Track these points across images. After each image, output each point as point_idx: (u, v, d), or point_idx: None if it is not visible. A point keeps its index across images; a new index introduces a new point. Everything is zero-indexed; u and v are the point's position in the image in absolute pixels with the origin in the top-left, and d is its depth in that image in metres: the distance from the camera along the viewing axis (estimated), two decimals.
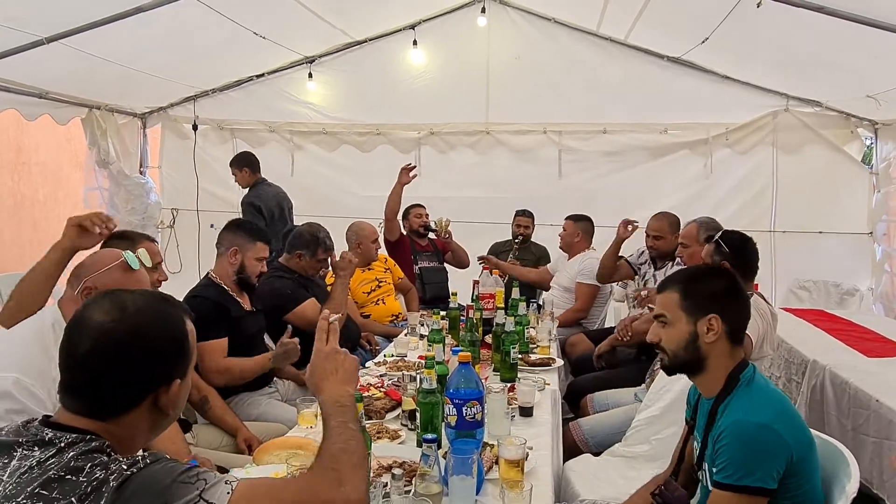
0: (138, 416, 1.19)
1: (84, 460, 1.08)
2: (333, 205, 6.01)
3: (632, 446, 2.69)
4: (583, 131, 6.11)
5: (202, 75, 6.14)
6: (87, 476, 1.06)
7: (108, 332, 1.15)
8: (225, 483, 1.12)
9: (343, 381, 1.46)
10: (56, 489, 1.05)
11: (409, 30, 6.05)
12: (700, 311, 1.76)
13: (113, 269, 1.88)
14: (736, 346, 1.78)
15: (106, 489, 1.05)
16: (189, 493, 1.08)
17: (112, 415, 1.17)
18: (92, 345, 1.15)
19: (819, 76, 5.30)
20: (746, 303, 1.85)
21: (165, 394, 1.20)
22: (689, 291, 1.80)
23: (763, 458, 1.56)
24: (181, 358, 1.23)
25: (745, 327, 1.82)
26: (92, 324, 1.16)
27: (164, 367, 1.20)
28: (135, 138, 6.56)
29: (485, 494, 1.80)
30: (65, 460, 1.08)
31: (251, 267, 3.07)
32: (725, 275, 1.88)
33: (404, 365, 3.17)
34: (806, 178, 5.82)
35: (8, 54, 4.50)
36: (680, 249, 3.61)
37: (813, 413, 3.60)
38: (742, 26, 4.51)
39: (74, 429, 1.14)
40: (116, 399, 1.17)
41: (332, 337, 1.56)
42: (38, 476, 1.06)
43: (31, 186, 6.92)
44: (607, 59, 5.92)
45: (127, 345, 1.16)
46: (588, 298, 4.69)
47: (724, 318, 1.75)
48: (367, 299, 4.50)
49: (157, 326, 1.20)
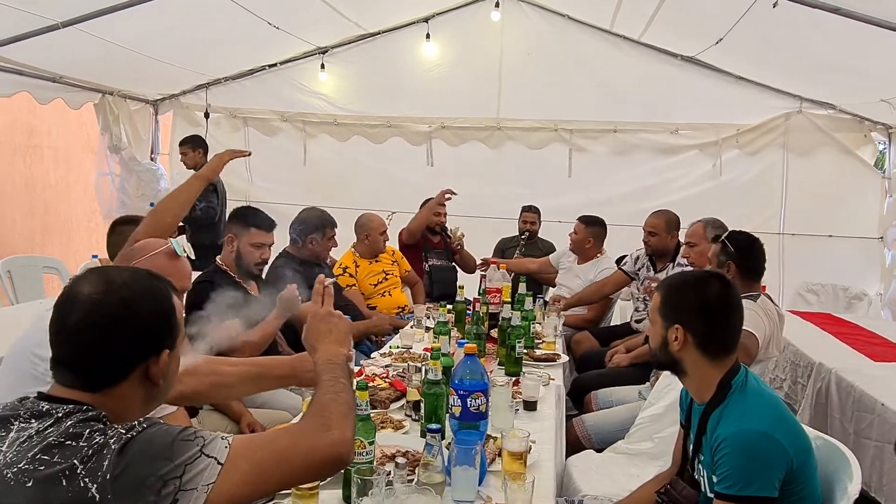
0: (130, 387, 1.21)
1: (82, 427, 1.10)
2: (344, 195, 6.02)
3: (635, 444, 2.69)
4: (593, 130, 6.10)
5: (215, 63, 6.16)
6: (87, 441, 1.08)
7: (96, 304, 1.17)
8: (221, 439, 1.16)
9: (337, 342, 1.53)
10: (57, 454, 1.06)
11: (422, 23, 6.05)
12: (669, 319, 1.78)
13: (159, 255, 1.98)
14: (715, 357, 1.75)
15: (108, 452, 1.06)
16: (190, 449, 1.11)
17: (104, 386, 1.19)
18: (81, 316, 1.17)
19: (833, 78, 5.27)
20: (722, 319, 1.77)
21: (155, 364, 1.22)
22: (666, 297, 1.82)
23: (764, 468, 1.56)
24: (169, 329, 1.25)
25: (721, 341, 1.76)
26: (81, 297, 1.18)
27: (151, 337, 1.22)
28: (147, 125, 6.59)
29: (487, 486, 1.81)
30: (63, 427, 1.10)
31: (247, 254, 3.05)
32: (708, 288, 1.78)
33: (409, 356, 3.18)
34: (817, 181, 5.79)
35: (23, 38, 4.53)
36: (685, 250, 3.60)
37: (817, 416, 3.60)
38: (757, 27, 4.49)
39: (69, 400, 1.16)
40: (107, 370, 1.19)
41: (328, 300, 1.63)
42: (38, 443, 1.08)
43: (43, 170, 6.97)
44: (620, 57, 5.90)
45: (115, 316, 1.17)
46: (601, 310, 4.67)
47: (688, 329, 1.74)
48: (374, 291, 4.51)
49: (144, 298, 1.22)
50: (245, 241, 3.05)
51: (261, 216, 3.16)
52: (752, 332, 2.49)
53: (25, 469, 1.06)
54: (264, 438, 1.26)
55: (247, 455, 1.16)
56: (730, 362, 1.76)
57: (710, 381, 1.76)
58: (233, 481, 1.12)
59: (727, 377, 1.74)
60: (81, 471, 1.05)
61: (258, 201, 5.81)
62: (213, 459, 1.12)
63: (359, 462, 1.67)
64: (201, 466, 1.10)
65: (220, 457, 1.13)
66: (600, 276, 4.51)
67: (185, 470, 1.09)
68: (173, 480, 1.07)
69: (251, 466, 1.15)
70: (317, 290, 1.63)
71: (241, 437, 1.20)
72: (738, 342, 1.79)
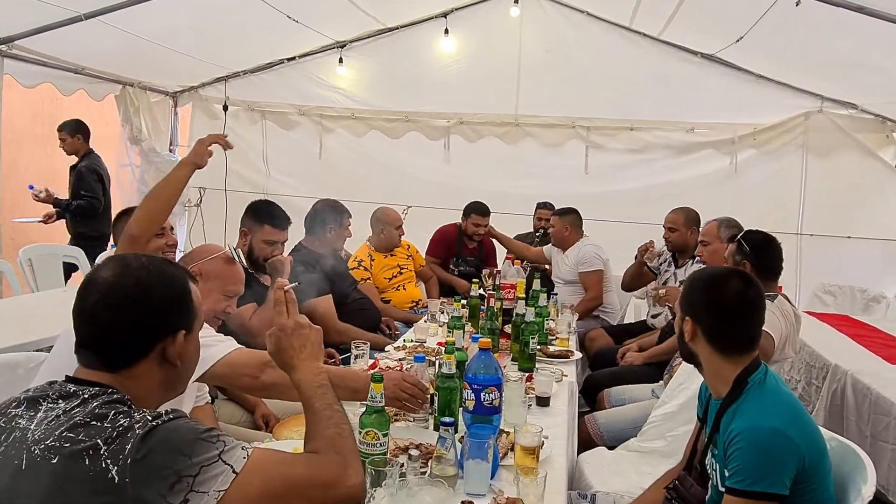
0: (149, 368, 1.25)
1: (108, 408, 1.14)
2: (360, 189, 6.02)
3: (647, 441, 2.69)
4: (610, 127, 6.08)
5: (234, 56, 6.20)
6: (112, 422, 1.11)
7: (112, 286, 1.22)
8: (241, 448, 1.17)
9: (313, 357, 1.48)
10: (82, 432, 1.09)
11: (440, 18, 6.05)
12: (683, 311, 1.84)
13: (217, 259, 2.09)
14: (727, 353, 1.76)
15: (131, 435, 1.09)
16: (210, 451, 1.13)
17: (123, 365, 1.22)
18: (97, 298, 1.22)
19: (856, 78, 5.21)
20: (734, 316, 1.77)
21: (171, 345, 1.25)
22: (684, 290, 1.90)
23: (775, 464, 1.56)
24: (184, 311, 1.29)
25: (732, 338, 1.76)
26: (99, 281, 1.24)
27: (167, 317, 1.25)
28: (166, 116, 6.66)
29: (499, 480, 1.82)
30: (89, 408, 1.13)
31: (259, 250, 3.05)
32: (723, 285, 1.80)
33: (423, 350, 3.19)
34: (836, 182, 5.73)
35: (47, 29, 4.60)
36: (700, 249, 3.58)
37: (832, 418, 3.57)
38: (779, 25, 4.44)
39: (94, 383, 1.20)
40: (124, 348, 1.22)
41: (293, 308, 1.54)
42: (65, 422, 1.11)
43: (64, 160, 7.04)
44: (639, 54, 5.86)
45: (130, 296, 1.22)
46: (597, 285, 4.69)
47: (697, 323, 1.79)
48: (389, 285, 4.53)
49: (159, 280, 1.26)
50: (258, 238, 3.06)
51: (276, 213, 3.16)
52: (768, 333, 2.48)
53: (52, 446, 1.09)
54: (281, 461, 1.25)
55: (262, 474, 1.17)
56: (746, 360, 1.76)
57: (724, 376, 1.77)
58: (244, 495, 1.14)
59: (744, 374, 1.74)
60: (105, 451, 1.07)
61: (275, 194, 5.86)
62: (230, 468, 1.13)
63: (373, 453, 1.68)
64: (217, 471, 1.12)
65: (237, 466, 1.14)
66: (581, 258, 4.65)
67: (201, 471, 1.10)
68: (187, 478, 1.09)
69: (264, 486, 1.17)
70: (278, 299, 1.50)
71: (259, 451, 1.21)
72: (757, 341, 1.79)
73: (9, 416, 1.17)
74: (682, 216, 4.09)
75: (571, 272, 4.73)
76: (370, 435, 1.69)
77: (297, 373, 1.44)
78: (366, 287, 4.19)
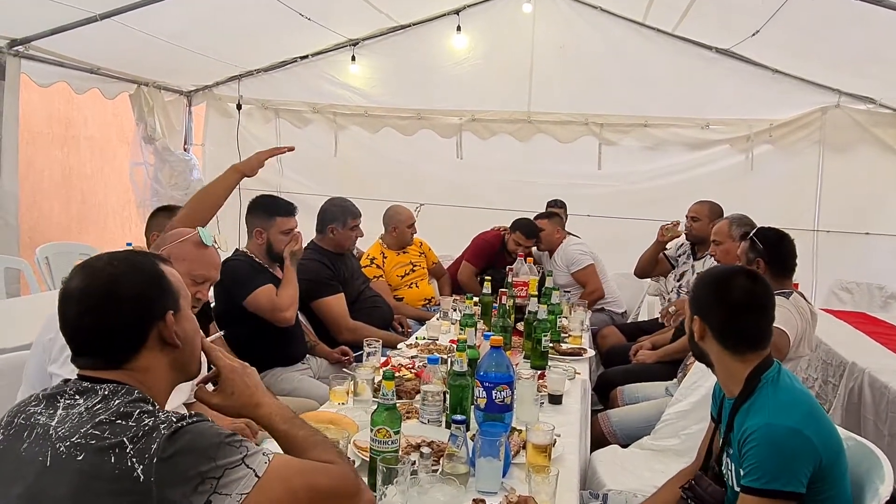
0: (152, 356, 1.26)
1: (132, 407, 1.15)
2: (374, 187, 6.04)
3: (661, 440, 2.67)
4: (623, 124, 6.03)
5: (247, 55, 6.22)
6: (137, 421, 1.12)
7: (85, 291, 1.23)
8: (262, 454, 1.18)
9: (266, 392, 1.43)
10: (107, 430, 1.11)
11: (453, 15, 6.03)
12: (692, 310, 1.84)
13: (187, 242, 2.05)
14: (737, 351, 1.74)
15: (157, 436, 1.10)
16: (234, 455, 1.14)
17: (124, 360, 1.24)
18: (76, 307, 1.23)
19: (873, 72, 5.14)
20: (741, 314, 1.75)
21: (165, 328, 1.27)
22: (693, 289, 1.91)
23: (791, 463, 1.55)
24: (163, 292, 1.29)
25: (741, 336, 1.74)
26: (71, 290, 1.25)
27: (148, 304, 1.26)
28: (180, 115, 6.69)
29: (511, 478, 1.82)
30: (112, 406, 1.15)
31: (277, 243, 3.09)
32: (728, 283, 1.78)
33: (435, 348, 3.19)
34: (853, 178, 5.65)
35: (62, 29, 4.64)
36: (712, 248, 3.55)
37: (849, 416, 3.54)
38: (795, 19, 4.40)
39: (107, 380, 1.21)
40: (119, 345, 1.24)
41: (226, 353, 1.47)
42: (89, 419, 1.13)
43: (80, 160, 7.12)
44: (653, 50, 5.81)
45: (104, 294, 1.23)
46: (593, 277, 4.73)
47: (705, 322, 1.78)
48: (401, 282, 4.54)
49: (128, 271, 1.26)
50: (274, 231, 3.09)
51: (280, 203, 3.20)
52: (783, 330, 2.45)
53: (78, 443, 1.10)
54: (303, 469, 1.26)
55: (282, 479, 1.19)
56: (757, 358, 1.74)
57: (736, 375, 1.75)
58: (265, 498, 1.15)
59: (756, 372, 1.72)
60: (130, 450, 1.08)
61: (289, 192, 5.87)
62: (252, 471, 1.15)
63: (384, 451, 1.69)
64: (240, 474, 1.13)
65: (259, 470, 1.16)
66: (569, 259, 4.74)
67: (224, 473, 1.12)
68: (211, 480, 1.10)
69: (285, 492, 1.19)
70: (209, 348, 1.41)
71: (280, 456, 1.24)
72: (767, 339, 1.77)
73: (28, 413, 1.19)
74: (707, 207, 4.14)
75: (564, 276, 4.76)
76: (382, 432, 1.69)
77: (263, 408, 1.39)
78: (378, 284, 4.20)
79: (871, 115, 5.61)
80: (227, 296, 2.98)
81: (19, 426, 1.18)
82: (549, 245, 4.85)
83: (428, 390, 2.15)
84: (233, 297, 2.97)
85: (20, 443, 1.15)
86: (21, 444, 1.15)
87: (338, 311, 3.54)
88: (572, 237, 4.92)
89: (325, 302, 3.51)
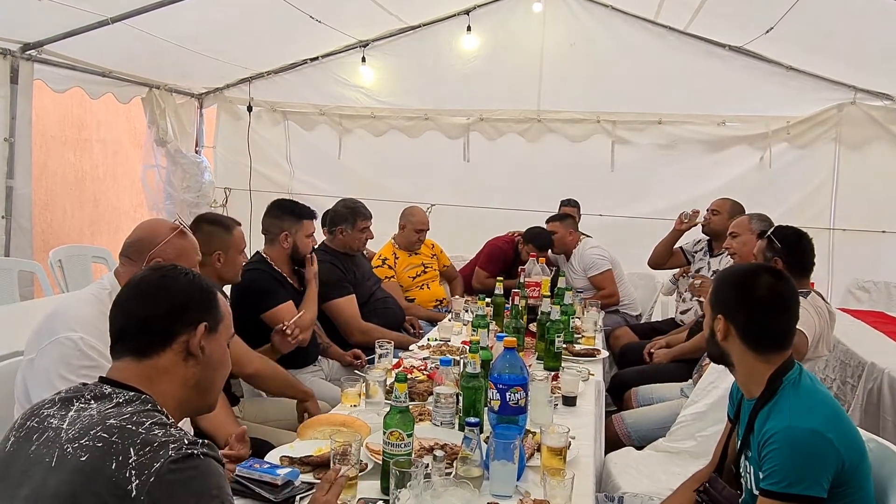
0: (173, 361, 1.29)
1: (145, 416, 1.16)
2: (379, 189, 6.03)
3: (676, 442, 2.64)
4: (637, 122, 5.97)
5: (258, 57, 6.23)
6: (146, 431, 1.12)
7: (141, 279, 1.34)
8: None
9: None
10: (116, 434, 1.11)
11: (463, 15, 6.02)
12: (715, 310, 1.79)
13: (172, 238, 2.05)
14: (761, 351, 1.71)
15: (163, 453, 1.09)
16: None
17: (148, 352, 1.27)
18: (128, 290, 1.34)
19: (890, 68, 5.06)
20: (767, 313, 1.72)
21: (193, 335, 1.31)
22: (714, 287, 1.84)
23: (813, 466, 1.51)
24: (207, 306, 1.35)
25: (766, 336, 1.71)
26: (133, 279, 1.36)
27: (188, 308, 1.32)
28: (192, 118, 6.72)
29: (525, 481, 1.80)
30: (125, 413, 1.16)
31: (303, 246, 3.13)
32: (754, 281, 1.74)
33: (448, 349, 3.18)
34: (870, 175, 5.58)
35: (75, 33, 4.67)
36: (728, 241, 3.50)
37: (868, 418, 3.48)
38: (810, 15, 4.34)
39: (129, 387, 1.23)
40: (150, 334, 1.28)
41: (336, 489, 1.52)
42: (100, 422, 1.14)
43: (92, 163, 7.16)
44: (665, 48, 5.77)
45: (155, 285, 1.32)
46: (610, 283, 4.69)
47: (729, 321, 1.74)
48: (413, 283, 4.53)
49: (186, 278, 1.35)
50: (301, 235, 3.12)
51: (305, 207, 3.23)
52: (801, 330, 2.41)
53: (85, 444, 1.11)
54: None
55: None
56: (780, 359, 1.71)
57: (758, 376, 1.72)
58: None
59: (778, 373, 1.69)
60: (133, 461, 1.08)
61: (299, 194, 5.90)
62: None
63: (397, 454, 1.67)
64: None
65: None
66: (587, 263, 4.69)
67: None
68: None
69: None
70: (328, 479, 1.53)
71: None
72: (790, 339, 1.73)
73: (41, 416, 1.19)
74: (729, 203, 4.12)
75: (581, 279, 4.72)
76: (395, 435, 1.68)
77: None
78: (390, 286, 4.18)
79: (888, 112, 5.53)
80: (245, 302, 2.93)
81: (31, 428, 1.18)
82: (562, 248, 4.81)
83: (441, 392, 2.13)
84: (251, 306, 2.94)
85: (30, 444, 1.16)
86: (31, 445, 1.15)
87: (349, 313, 3.53)
88: (588, 239, 4.87)
89: (336, 303, 3.50)
